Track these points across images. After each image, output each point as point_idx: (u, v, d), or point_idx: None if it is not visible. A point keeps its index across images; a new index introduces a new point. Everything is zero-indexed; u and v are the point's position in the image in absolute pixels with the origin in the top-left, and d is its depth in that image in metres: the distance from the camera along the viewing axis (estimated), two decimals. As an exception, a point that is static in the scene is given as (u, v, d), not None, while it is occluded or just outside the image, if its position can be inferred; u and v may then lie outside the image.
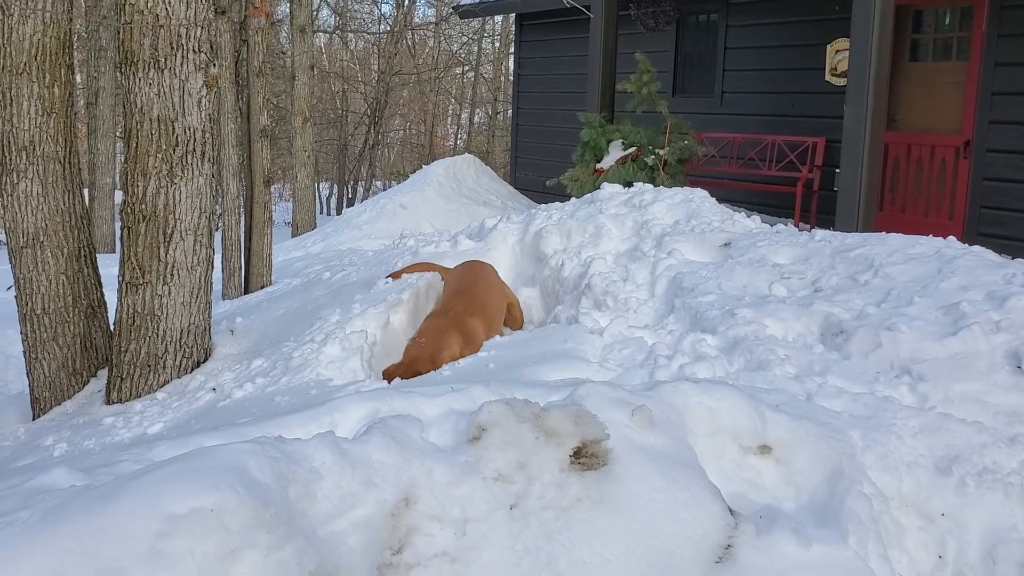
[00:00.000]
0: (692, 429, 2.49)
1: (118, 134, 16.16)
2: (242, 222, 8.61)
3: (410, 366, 3.75)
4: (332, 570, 1.58)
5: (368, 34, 27.01)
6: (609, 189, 5.62)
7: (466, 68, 28.45)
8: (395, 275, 4.95)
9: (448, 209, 10.86)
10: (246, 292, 7.97)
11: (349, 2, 26.74)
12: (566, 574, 1.93)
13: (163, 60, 4.22)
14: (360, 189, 26.70)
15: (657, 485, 2.16)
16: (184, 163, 4.32)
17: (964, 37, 8.10)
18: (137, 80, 4.23)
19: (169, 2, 4.18)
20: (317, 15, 23.59)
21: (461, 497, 1.90)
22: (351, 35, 27.26)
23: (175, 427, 3.60)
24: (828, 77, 9.44)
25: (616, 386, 2.53)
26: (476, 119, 29.33)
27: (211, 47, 4.42)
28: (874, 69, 7.54)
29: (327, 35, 27.23)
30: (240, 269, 8.40)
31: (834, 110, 8.61)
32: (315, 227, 14.23)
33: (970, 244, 4.15)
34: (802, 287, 3.78)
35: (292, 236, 13.95)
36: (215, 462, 1.58)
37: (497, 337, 4.05)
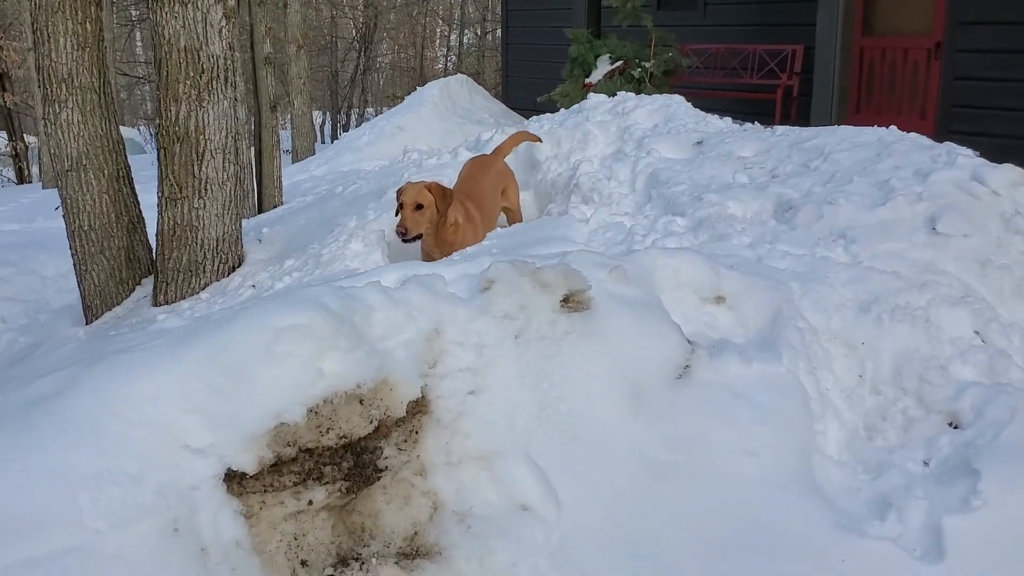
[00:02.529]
0: (659, 284, 3.08)
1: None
2: (251, 147, 9.10)
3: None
4: (387, 372, 2.18)
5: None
6: (595, 99, 6.11)
7: (453, -11, 28.32)
8: None
9: (444, 128, 11.31)
10: (260, 212, 8.52)
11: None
12: (559, 384, 2.54)
13: (186, -6, 4.67)
14: (353, 115, 26.89)
15: (630, 322, 2.75)
16: (210, 88, 4.81)
17: (934, -58, 8.41)
18: (164, 14, 4.69)
19: (188, -61, 4.61)
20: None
21: (478, 329, 2.49)
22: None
23: (225, 317, 4.18)
24: (807, -16, 9.76)
25: (598, 253, 3.12)
26: (465, 40, 29.31)
27: (228, -20, 4.87)
28: (845, -25, 7.92)
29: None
30: (253, 191, 8.92)
31: (813, 18, 9.00)
32: (314, 153, 14.64)
33: (942, 141, 4.51)
34: (762, 175, 4.34)
35: (292, 162, 14.36)
36: (302, 296, 2.16)
37: (498, 229, 4.62)
